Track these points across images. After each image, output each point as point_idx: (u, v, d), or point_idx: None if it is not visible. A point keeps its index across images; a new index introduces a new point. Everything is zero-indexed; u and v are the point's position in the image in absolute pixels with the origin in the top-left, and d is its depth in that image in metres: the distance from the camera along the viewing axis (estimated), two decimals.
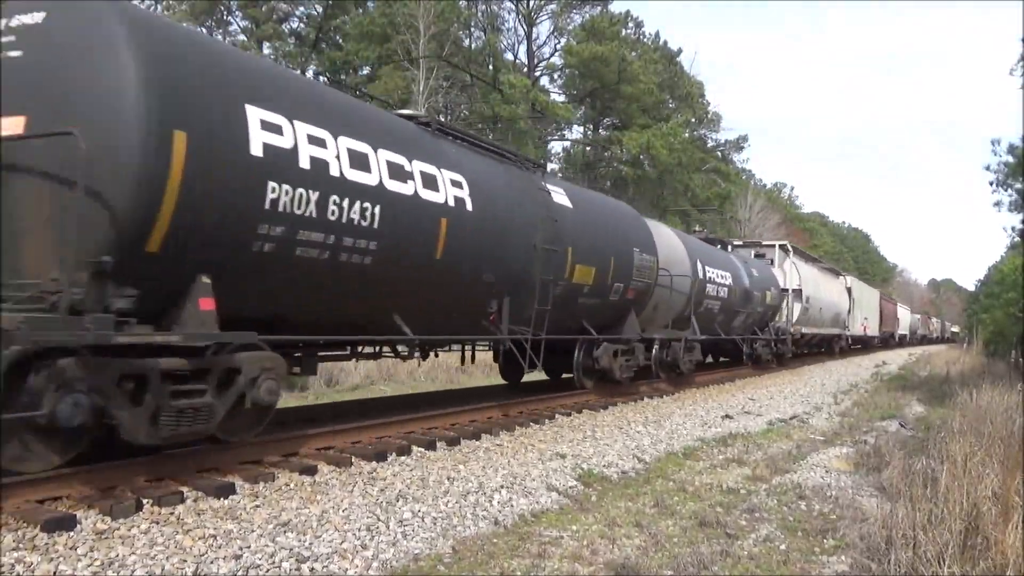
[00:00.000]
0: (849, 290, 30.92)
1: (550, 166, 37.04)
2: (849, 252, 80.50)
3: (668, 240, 12.91)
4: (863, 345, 39.03)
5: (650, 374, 12.47)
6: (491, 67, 34.53)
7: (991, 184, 18.47)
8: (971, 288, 66.88)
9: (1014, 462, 5.42)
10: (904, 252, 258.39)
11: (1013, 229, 20.66)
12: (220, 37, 29.38)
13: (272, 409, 5.60)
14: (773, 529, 5.25)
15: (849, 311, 30.33)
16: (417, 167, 6.57)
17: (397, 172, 6.29)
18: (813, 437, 9.51)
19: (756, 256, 21.72)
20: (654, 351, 12.13)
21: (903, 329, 56.57)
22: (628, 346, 11.08)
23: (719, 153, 46.90)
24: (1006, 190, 18.34)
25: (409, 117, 7.46)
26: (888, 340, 48.16)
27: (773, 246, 23.32)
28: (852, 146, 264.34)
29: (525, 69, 36.60)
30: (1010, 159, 17.82)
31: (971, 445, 6.12)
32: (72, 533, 4.02)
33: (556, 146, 41.14)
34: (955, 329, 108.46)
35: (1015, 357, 22.38)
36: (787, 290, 21.20)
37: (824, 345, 28.70)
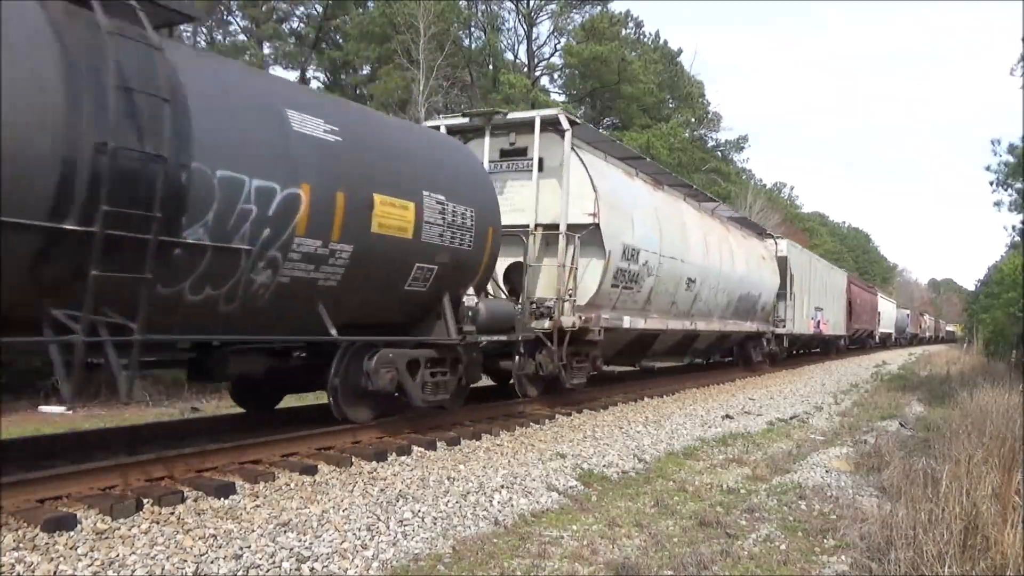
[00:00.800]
0: (784, 261, 20.62)
1: None
2: (849, 252, 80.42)
3: None
4: (821, 348, 29.81)
5: None
6: (491, 67, 34.54)
7: (991, 184, 18.46)
8: (971, 288, 66.09)
9: (1014, 462, 5.42)
10: (904, 252, 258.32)
11: (1013, 229, 20.65)
12: (220, 37, 29.40)
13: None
14: (773, 529, 5.25)
15: (784, 296, 20.37)
16: None
17: None
18: (813, 437, 9.51)
19: (506, 154, 10.04)
20: None
21: (886, 327, 45.99)
22: None
23: (719, 153, 46.89)
24: (1006, 190, 18.33)
25: None
26: (864, 340, 38.38)
27: (530, 122, 9.84)
28: (852, 146, 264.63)
29: (525, 69, 36.59)
30: (1010, 159, 17.81)
31: (971, 445, 6.12)
32: (72, 533, 4.03)
33: None
34: (951, 328, 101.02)
35: (1015, 357, 22.37)
36: (555, 227, 9.64)
37: (730, 351, 19.05)
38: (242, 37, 31.02)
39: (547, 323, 9.28)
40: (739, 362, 19.30)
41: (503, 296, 9.67)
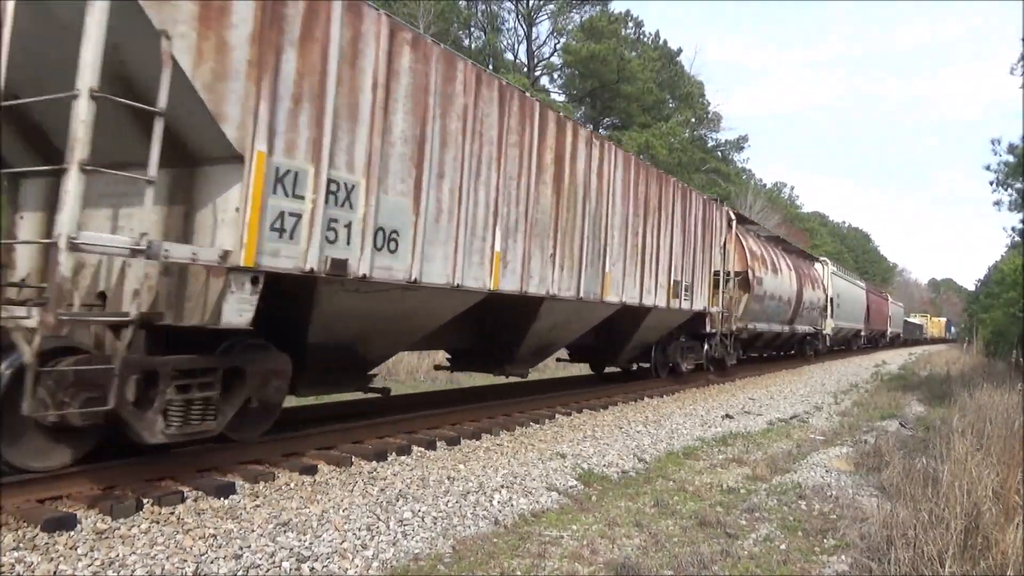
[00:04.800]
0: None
1: None
2: (849, 252, 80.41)
3: None
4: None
5: None
6: (491, 67, 34.57)
7: (991, 184, 18.47)
8: (971, 288, 64.01)
9: (1014, 461, 5.42)
10: (904, 252, 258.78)
11: (1013, 229, 20.66)
12: None
13: None
14: (773, 529, 5.25)
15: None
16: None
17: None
18: (813, 437, 9.51)
19: None
20: None
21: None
22: None
23: (719, 153, 46.91)
24: (1006, 190, 18.33)
25: None
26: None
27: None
28: (852, 146, 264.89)
29: (525, 69, 36.61)
30: (1010, 159, 17.82)
31: (971, 445, 6.12)
32: (72, 533, 4.02)
33: None
34: (917, 320, 71.37)
35: (1015, 357, 22.39)
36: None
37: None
38: None
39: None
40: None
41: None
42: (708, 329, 13.99)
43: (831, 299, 26.24)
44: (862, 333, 34.65)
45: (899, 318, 50.80)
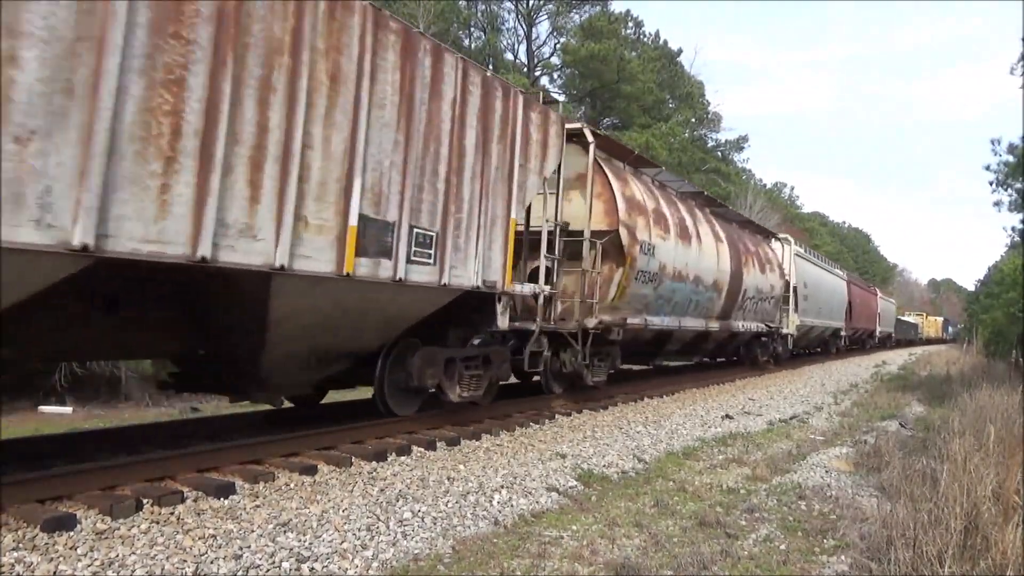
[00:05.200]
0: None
1: None
2: (849, 252, 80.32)
3: None
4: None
5: None
6: (491, 67, 34.60)
7: (991, 184, 18.44)
8: (971, 288, 63.20)
9: (1013, 461, 5.43)
10: (904, 252, 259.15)
11: (1013, 229, 20.63)
12: None
13: None
14: (773, 529, 5.25)
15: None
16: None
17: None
18: (813, 437, 9.51)
19: None
20: None
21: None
22: None
23: (719, 153, 46.93)
24: (1006, 190, 18.30)
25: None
26: None
27: None
28: (852, 146, 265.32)
29: (525, 69, 36.61)
30: (1010, 159, 17.79)
31: (971, 445, 6.12)
32: (72, 533, 4.02)
33: None
34: (913, 319, 61.50)
35: (1015, 357, 22.38)
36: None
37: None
38: None
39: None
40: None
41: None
42: (502, 324, 7.92)
43: (794, 288, 20.69)
44: (843, 333, 29.07)
45: (890, 316, 45.45)
